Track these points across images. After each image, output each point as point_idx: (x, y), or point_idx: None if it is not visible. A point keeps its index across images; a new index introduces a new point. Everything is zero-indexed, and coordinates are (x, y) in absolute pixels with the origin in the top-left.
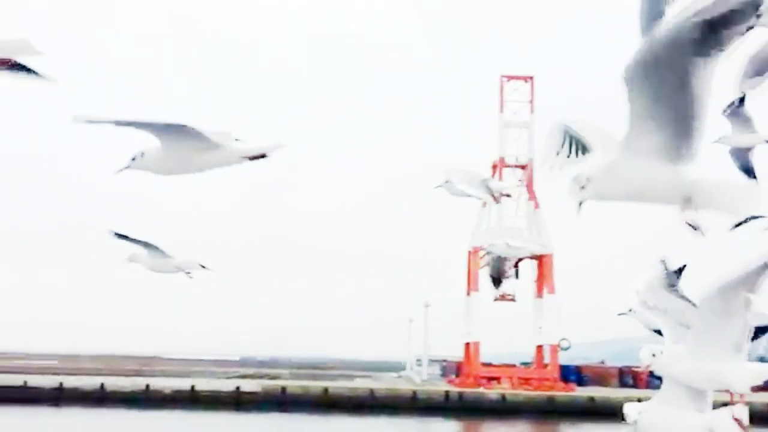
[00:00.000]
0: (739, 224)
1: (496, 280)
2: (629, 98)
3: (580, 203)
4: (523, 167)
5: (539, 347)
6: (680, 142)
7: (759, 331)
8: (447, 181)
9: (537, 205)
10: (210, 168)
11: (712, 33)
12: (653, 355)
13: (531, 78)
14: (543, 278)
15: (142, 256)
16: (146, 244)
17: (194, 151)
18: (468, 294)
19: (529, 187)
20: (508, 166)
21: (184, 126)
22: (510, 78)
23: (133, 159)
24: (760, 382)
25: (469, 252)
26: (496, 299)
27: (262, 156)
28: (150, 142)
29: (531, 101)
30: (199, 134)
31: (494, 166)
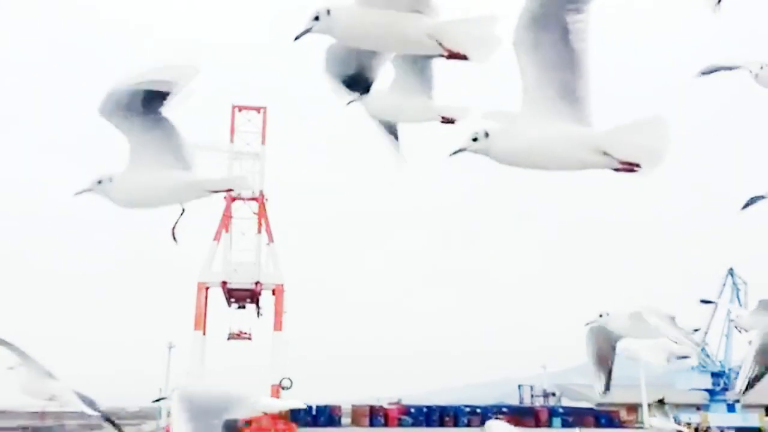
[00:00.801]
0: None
1: None
2: (519, 64)
3: (459, 151)
4: (255, 199)
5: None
6: (578, 105)
7: None
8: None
9: (271, 239)
10: (177, 201)
11: None
12: (600, 315)
13: (264, 108)
14: (277, 313)
15: None
16: None
17: (166, 169)
18: (195, 331)
19: (262, 219)
20: (241, 199)
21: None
22: (242, 108)
23: (99, 182)
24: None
25: (198, 287)
26: (230, 337)
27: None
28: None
29: (263, 132)
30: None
31: (227, 198)
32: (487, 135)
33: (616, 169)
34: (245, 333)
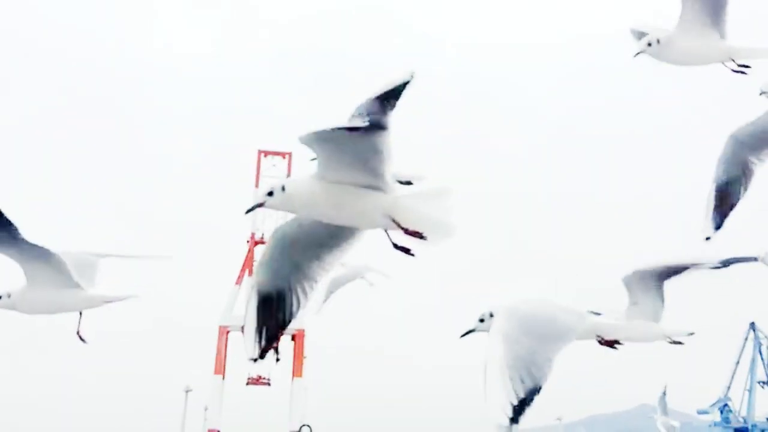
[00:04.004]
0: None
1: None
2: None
3: (468, 332)
4: None
5: None
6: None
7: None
8: None
9: None
10: (73, 309)
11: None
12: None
13: (289, 154)
14: (297, 359)
15: None
16: None
17: (57, 288)
18: (215, 375)
19: None
20: (263, 242)
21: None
22: (267, 153)
23: None
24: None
25: (219, 330)
26: (248, 382)
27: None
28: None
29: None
30: (63, 268)
31: (249, 241)
32: (491, 315)
33: None
34: (264, 378)
